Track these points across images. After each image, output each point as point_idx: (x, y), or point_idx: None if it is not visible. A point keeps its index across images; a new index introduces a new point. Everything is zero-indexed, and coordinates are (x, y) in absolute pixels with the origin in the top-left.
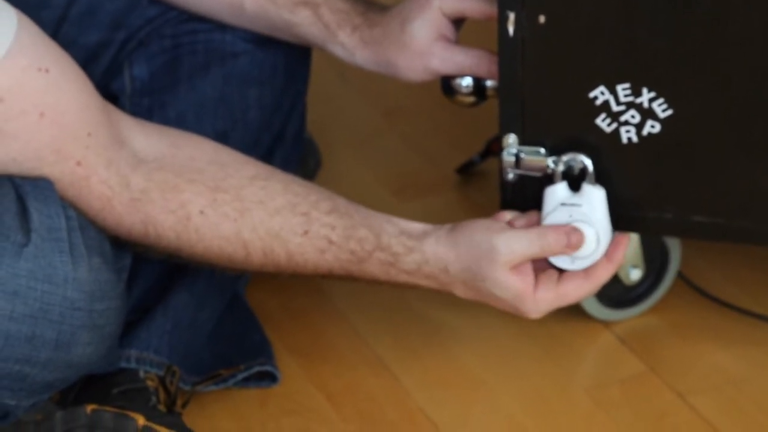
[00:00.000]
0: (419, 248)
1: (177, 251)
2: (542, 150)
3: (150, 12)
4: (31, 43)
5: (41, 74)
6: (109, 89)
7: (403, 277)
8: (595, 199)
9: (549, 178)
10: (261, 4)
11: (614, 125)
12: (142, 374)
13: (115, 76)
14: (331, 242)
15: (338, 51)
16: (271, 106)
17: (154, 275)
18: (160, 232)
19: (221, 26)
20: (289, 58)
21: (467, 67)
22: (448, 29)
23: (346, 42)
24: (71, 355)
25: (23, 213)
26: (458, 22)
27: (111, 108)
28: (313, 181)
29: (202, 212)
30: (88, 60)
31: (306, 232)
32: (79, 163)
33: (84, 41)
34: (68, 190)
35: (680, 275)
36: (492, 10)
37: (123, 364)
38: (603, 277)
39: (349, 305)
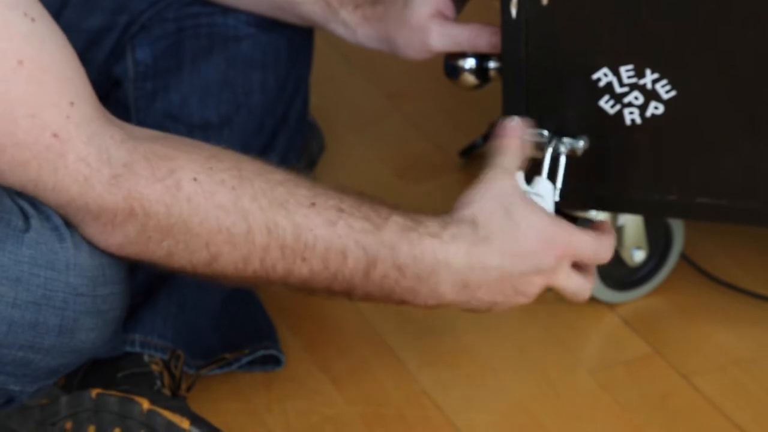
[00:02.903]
0: (441, 213)
1: (168, 233)
2: (546, 132)
3: None
4: None
5: (26, 20)
6: (111, 74)
7: (427, 246)
8: (548, 192)
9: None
10: None
11: (618, 107)
12: (146, 358)
13: (118, 61)
14: (341, 210)
15: (340, 29)
16: (274, 90)
17: None
18: (147, 207)
19: (224, 9)
20: (292, 42)
21: (465, 41)
22: (447, 6)
23: (348, 19)
24: (75, 341)
25: (14, 200)
26: (459, 2)
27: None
28: (316, 164)
29: (195, 179)
30: (90, 44)
31: (313, 204)
32: (55, 135)
33: (86, 25)
34: (42, 173)
35: (684, 257)
36: None
37: (127, 349)
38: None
39: None
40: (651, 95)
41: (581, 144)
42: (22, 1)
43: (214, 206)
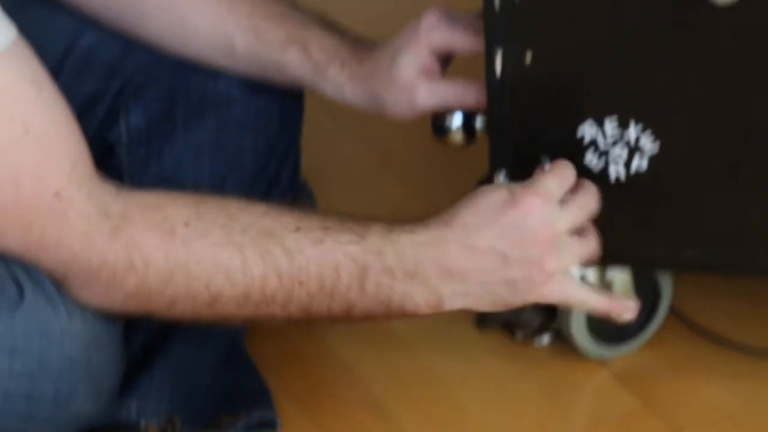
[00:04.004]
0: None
1: (169, 282)
2: None
3: (144, 59)
4: (28, 57)
5: (34, 88)
6: (105, 139)
7: (405, 241)
8: None
9: None
10: (251, 45)
11: (602, 163)
12: (143, 425)
13: (111, 126)
14: (326, 229)
15: (327, 88)
16: (265, 152)
17: (152, 325)
18: (147, 256)
19: (215, 73)
20: (283, 104)
21: (452, 98)
22: (433, 65)
23: (336, 78)
24: (71, 410)
25: (8, 267)
26: (445, 60)
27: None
28: None
29: (186, 224)
30: (84, 110)
31: (298, 228)
32: (57, 195)
33: (80, 92)
34: (46, 231)
35: (672, 310)
36: (479, 46)
37: (124, 415)
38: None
39: (346, 349)
40: (635, 149)
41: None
42: (30, 69)
43: (209, 246)
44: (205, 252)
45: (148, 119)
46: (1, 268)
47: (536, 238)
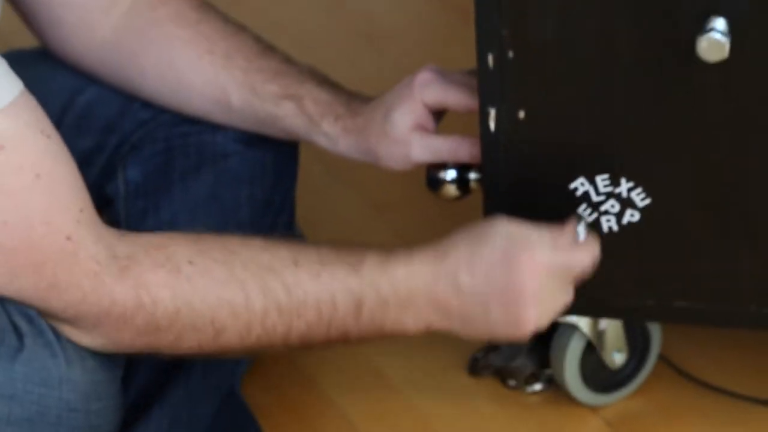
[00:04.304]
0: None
1: (176, 318)
2: None
3: (142, 115)
4: (35, 108)
5: (43, 137)
6: (103, 192)
7: (400, 273)
8: None
9: None
10: (247, 99)
11: (595, 215)
12: None
13: (110, 180)
14: (323, 263)
15: (321, 140)
16: (261, 204)
17: (150, 373)
18: (154, 294)
19: (212, 128)
20: (278, 157)
21: (446, 152)
22: (427, 120)
23: (329, 131)
24: None
25: (9, 316)
26: (438, 114)
27: None
28: None
29: (190, 262)
30: (82, 164)
31: (296, 262)
32: (68, 238)
33: (78, 146)
34: (58, 273)
35: (662, 358)
36: (473, 103)
37: None
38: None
39: (341, 396)
40: (627, 203)
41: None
42: (38, 119)
43: (213, 282)
44: (208, 288)
45: (145, 173)
46: (2, 317)
47: (521, 291)
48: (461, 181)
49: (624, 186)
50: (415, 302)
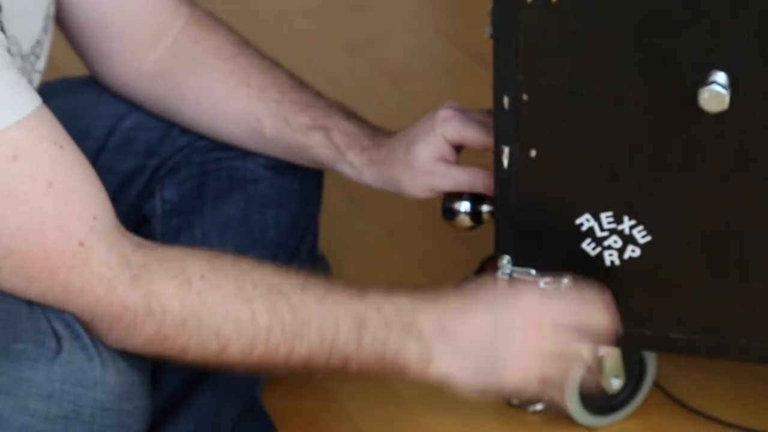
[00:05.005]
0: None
1: (183, 328)
2: (533, 271)
3: (180, 141)
4: (50, 120)
5: (56, 147)
6: (141, 210)
7: (404, 300)
8: None
9: None
10: (279, 129)
11: (598, 249)
12: None
13: (147, 199)
14: (329, 290)
15: (347, 170)
16: (287, 227)
17: (178, 379)
18: (164, 303)
19: (244, 154)
20: (304, 183)
21: (465, 183)
22: (449, 153)
23: (355, 161)
24: None
25: (48, 322)
26: (458, 147)
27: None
28: None
29: (202, 276)
30: (123, 184)
31: (304, 286)
32: (81, 244)
33: (120, 168)
34: (71, 277)
35: (656, 385)
36: (489, 141)
37: None
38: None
39: (355, 407)
40: (628, 240)
41: (565, 282)
42: (53, 132)
43: (221, 297)
44: (217, 303)
45: (181, 194)
46: (42, 323)
47: (525, 322)
48: (474, 213)
49: (626, 223)
50: (419, 327)
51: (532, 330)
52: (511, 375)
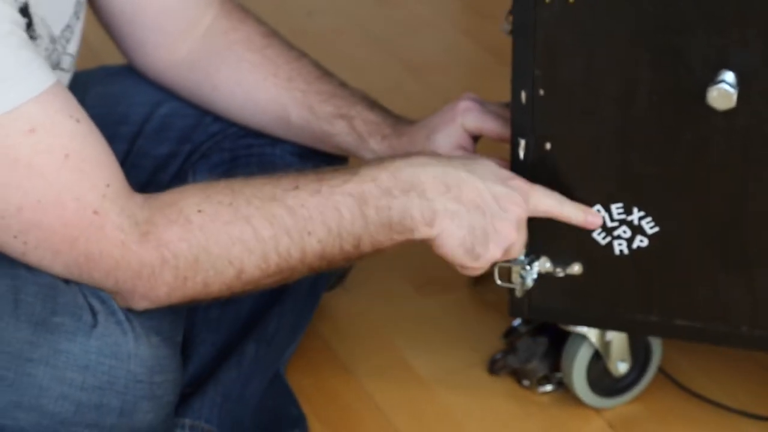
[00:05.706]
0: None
1: (198, 265)
2: (548, 263)
3: (213, 128)
4: (66, 96)
5: (72, 121)
6: None
7: (400, 163)
8: None
9: None
10: (305, 117)
11: (608, 239)
12: None
13: (181, 183)
14: (320, 180)
15: (369, 156)
16: None
17: (207, 355)
18: (174, 249)
19: (273, 141)
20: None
21: None
22: (467, 142)
23: (377, 148)
24: (133, 422)
25: (85, 297)
26: (476, 137)
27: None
28: (346, 278)
29: (199, 210)
30: (158, 168)
31: (296, 186)
32: (96, 212)
33: (156, 153)
34: (89, 246)
35: (661, 370)
36: (506, 132)
37: (178, 431)
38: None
39: (374, 385)
40: (637, 230)
41: (576, 268)
42: (68, 106)
43: (222, 224)
44: (219, 231)
45: (212, 178)
46: (79, 298)
47: (514, 203)
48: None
49: (636, 215)
50: (420, 185)
51: (521, 212)
52: (493, 250)
